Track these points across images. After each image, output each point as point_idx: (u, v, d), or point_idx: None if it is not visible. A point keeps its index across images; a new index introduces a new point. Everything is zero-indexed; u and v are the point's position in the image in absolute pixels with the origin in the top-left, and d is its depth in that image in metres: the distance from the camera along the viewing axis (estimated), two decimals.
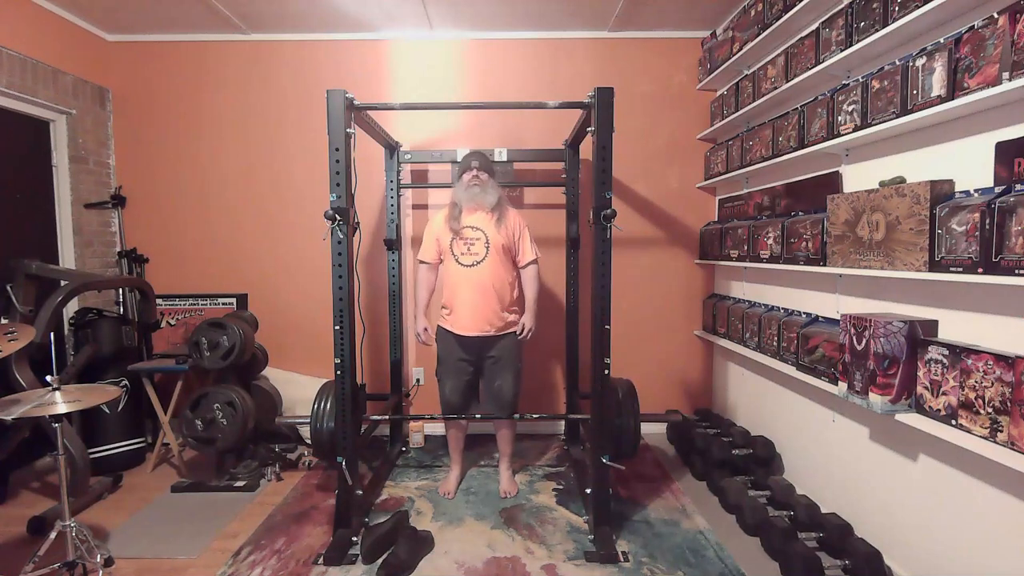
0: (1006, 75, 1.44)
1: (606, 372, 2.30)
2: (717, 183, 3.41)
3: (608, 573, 2.11)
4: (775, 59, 2.64)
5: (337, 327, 2.29)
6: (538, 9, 3.19)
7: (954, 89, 1.60)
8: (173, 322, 3.64)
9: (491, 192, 2.63)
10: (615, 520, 2.45)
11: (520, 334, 2.67)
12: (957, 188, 1.69)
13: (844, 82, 2.15)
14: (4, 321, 2.69)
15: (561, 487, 2.85)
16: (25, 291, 2.73)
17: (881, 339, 1.80)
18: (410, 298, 3.58)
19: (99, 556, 1.99)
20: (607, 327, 2.28)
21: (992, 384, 1.49)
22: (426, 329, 2.71)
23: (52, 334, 2.40)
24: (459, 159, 3.28)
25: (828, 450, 2.40)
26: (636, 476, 2.95)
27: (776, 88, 2.60)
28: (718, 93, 3.44)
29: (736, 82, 3.07)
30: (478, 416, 2.75)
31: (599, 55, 3.52)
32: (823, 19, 2.25)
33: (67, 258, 3.29)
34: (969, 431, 1.57)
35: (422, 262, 2.72)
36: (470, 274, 2.58)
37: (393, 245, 3.32)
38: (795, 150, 2.43)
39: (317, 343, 3.56)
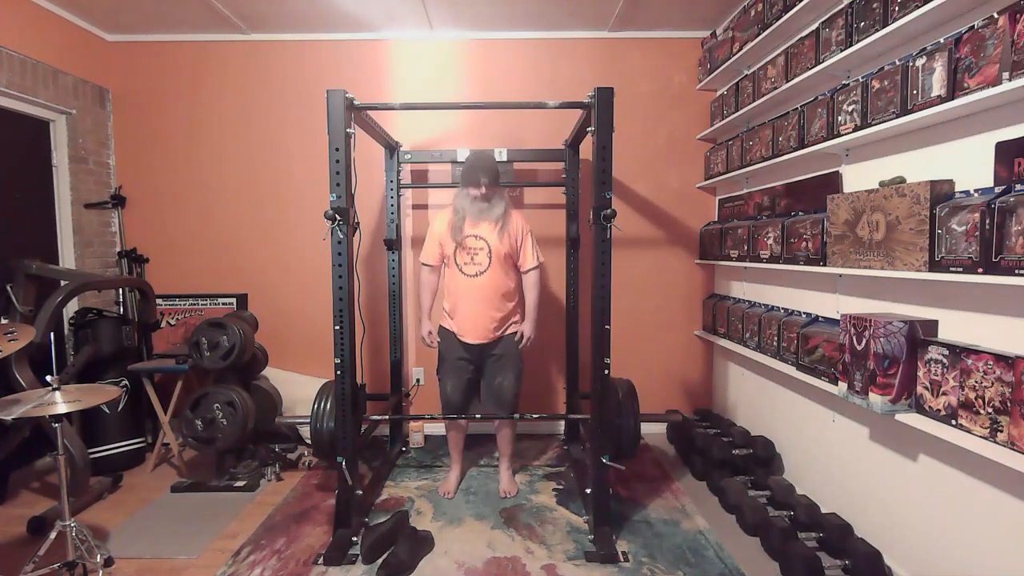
0: (1006, 75, 1.43)
1: (606, 372, 2.30)
2: (717, 183, 3.41)
3: (608, 573, 2.11)
4: (775, 59, 2.64)
5: (337, 327, 2.29)
6: (538, 9, 3.19)
7: (954, 89, 1.60)
8: (173, 322, 3.64)
9: (497, 205, 2.59)
10: (615, 520, 2.45)
11: (520, 343, 2.68)
12: (957, 188, 1.69)
13: (844, 82, 2.15)
14: (4, 321, 2.69)
15: (561, 487, 2.85)
16: (25, 291, 2.73)
17: (881, 339, 1.80)
18: (410, 298, 3.58)
19: (99, 556, 1.99)
20: (607, 327, 2.28)
21: (992, 384, 1.49)
22: (431, 332, 2.71)
23: (52, 334, 2.40)
24: (459, 159, 3.29)
25: (828, 450, 2.40)
26: (636, 476, 2.95)
27: (776, 88, 2.60)
28: (718, 93, 3.44)
29: (736, 82, 3.07)
30: (478, 416, 2.75)
31: (599, 55, 3.52)
32: (823, 19, 2.25)
33: (67, 258, 3.29)
34: (969, 431, 1.57)
35: (424, 264, 2.71)
36: (473, 284, 2.59)
37: (393, 245, 3.32)
38: (795, 150, 2.43)
39: (317, 343, 3.56)
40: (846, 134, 2.08)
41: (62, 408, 1.78)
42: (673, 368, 3.67)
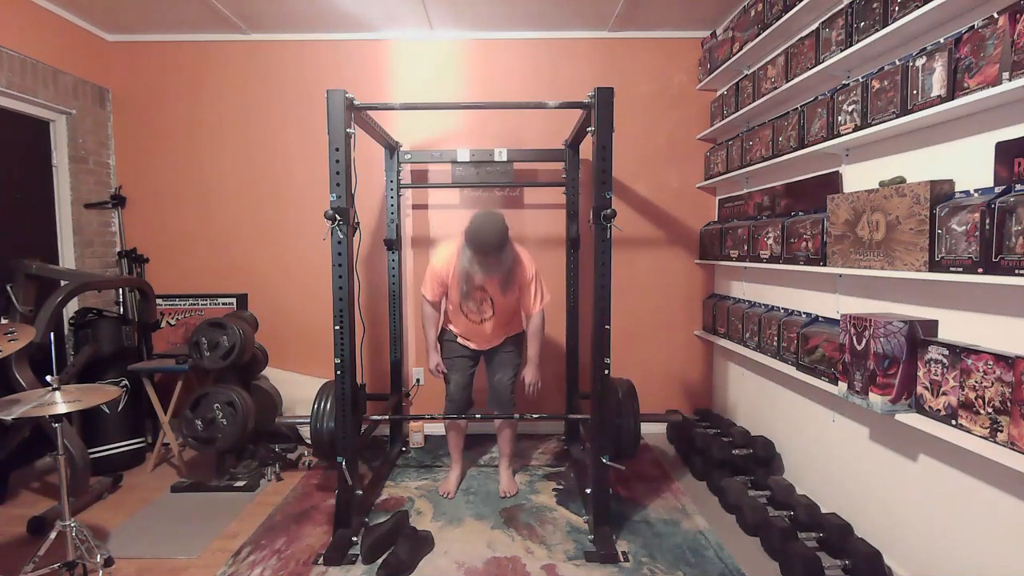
0: (1006, 75, 1.44)
1: (606, 372, 2.30)
2: (717, 183, 3.41)
3: (608, 573, 2.11)
4: (775, 59, 2.64)
5: (337, 327, 2.29)
6: (538, 9, 3.18)
7: (954, 89, 1.60)
8: (173, 322, 3.64)
9: (504, 261, 2.46)
10: (615, 520, 2.45)
11: (528, 387, 2.71)
12: (957, 188, 1.69)
13: (844, 82, 2.15)
14: (4, 321, 2.69)
15: (561, 487, 2.85)
16: (25, 291, 2.73)
17: (881, 339, 1.80)
18: (410, 298, 3.58)
19: (99, 556, 1.99)
20: (607, 327, 2.28)
21: (992, 384, 1.49)
22: (438, 364, 2.72)
23: (52, 334, 2.40)
24: (459, 159, 3.29)
25: (828, 450, 2.40)
26: (636, 476, 2.95)
27: (776, 88, 2.60)
28: (718, 93, 3.44)
29: (736, 82, 3.07)
30: (478, 416, 2.75)
31: (599, 55, 3.52)
32: (823, 19, 2.25)
33: (67, 258, 3.29)
34: (969, 431, 1.57)
35: (426, 298, 2.64)
36: (477, 326, 2.65)
37: (393, 245, 3.32)
38: (795, 150, 2.43)
39: (317, 343, 3.56)
40: (846, 134, 2.08)
41: (62, 408, 1.78)
42: (673, 368, 3.67)
